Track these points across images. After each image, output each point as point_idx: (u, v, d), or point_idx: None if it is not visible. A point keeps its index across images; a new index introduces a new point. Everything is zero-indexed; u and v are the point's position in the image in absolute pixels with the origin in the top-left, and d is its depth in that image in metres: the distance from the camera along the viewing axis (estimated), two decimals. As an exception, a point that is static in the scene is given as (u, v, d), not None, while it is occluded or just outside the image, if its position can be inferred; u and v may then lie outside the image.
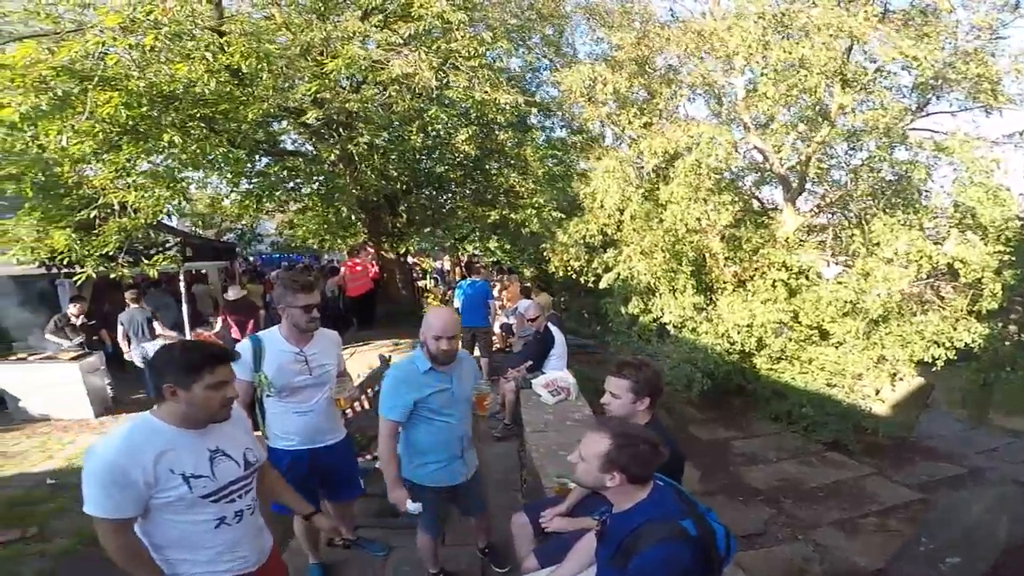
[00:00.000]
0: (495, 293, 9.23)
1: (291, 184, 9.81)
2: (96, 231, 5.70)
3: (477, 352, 7.67)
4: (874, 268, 7.80)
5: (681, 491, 1.83)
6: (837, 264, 9.55)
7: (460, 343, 2.78)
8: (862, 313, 7.94)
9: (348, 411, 2.80)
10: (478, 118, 9.44)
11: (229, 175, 9.51)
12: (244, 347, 2.70)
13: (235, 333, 7.75)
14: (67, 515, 4.32)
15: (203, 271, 10.80)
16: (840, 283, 8.28)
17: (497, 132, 10.06)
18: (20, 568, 3.58)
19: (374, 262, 11.39)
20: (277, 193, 9.37)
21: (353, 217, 10.62)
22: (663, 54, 9.73)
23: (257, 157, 9.70)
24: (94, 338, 7.44)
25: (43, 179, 5.68)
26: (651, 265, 8.74)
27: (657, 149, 8.31)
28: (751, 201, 10.75)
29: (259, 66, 6.52)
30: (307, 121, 7.75)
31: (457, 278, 13.44)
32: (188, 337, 7.02)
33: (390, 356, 6.04)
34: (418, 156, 10.12)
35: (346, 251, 16.87)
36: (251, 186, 10.42)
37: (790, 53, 7.54)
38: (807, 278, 8.78)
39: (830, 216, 10.05)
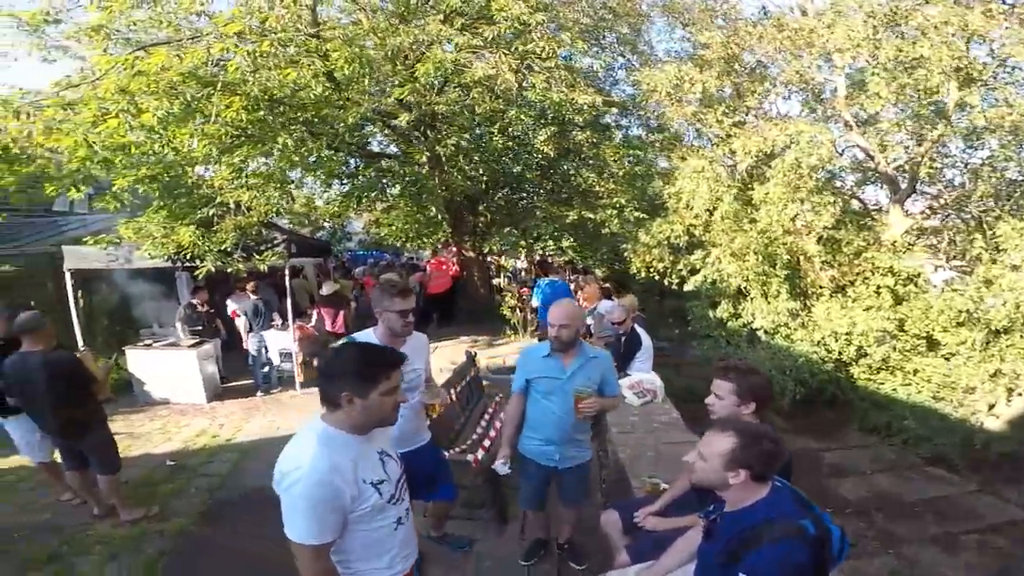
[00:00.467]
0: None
1: (382, 185, 10.09)
2: (215, 228, 6.10)
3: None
4: (998, 275, 7.00)
5: (797, 492, 1.78)
6: (949, 269, 8.73)
7: (571, 333, 2.84)
8: (980, 323, 7.17)
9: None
10: (555, 118, 9.36)
11: (323, 176, 10.00)
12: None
13: (328, 325, 8.05)
14: (183, 496, 4.55)
15: (300, 267, 11.37)
16: (955, 290, 7.53)
17: (574, 132, 9.93)
18: (144, 546, 3.73)
19: (454, 260, 11.59)
20: (373, 193, 9.69)
21: (440, 216, 10.79)
22: (753, 52, 9.32)
23: (349, 159, 10.12)
24: (213, 326, 7.93)
25: (167, 180, 6.18)
26: (742, 268, 8.26)
27: (752, 148, 7.87)
28: (851, 202, 10.05)
29: (361, 71, 6.76)
30: (398, 123, 7.95)
31: (532, 277, 13.43)
32: (291, 328, 7.40)
33: (475, 352, 6.08)
34: (500, 157, 10.16)
35: (427, 249, 17.39)
36: (343, 186, 10.91)
37: (905, 51, 7.00)
38: (916, 284, 8.09)
39: (943, 218, 9.19)
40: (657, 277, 9.70)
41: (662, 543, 2.24)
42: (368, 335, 2.80)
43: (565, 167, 10.49)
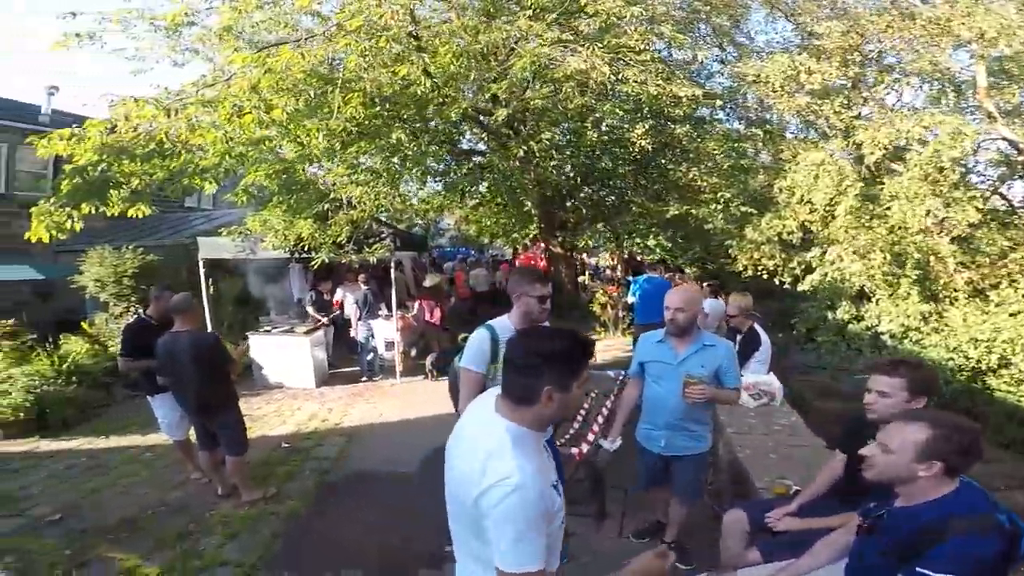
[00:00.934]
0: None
1: (475, 181, 10.10)
2: (329, 222, 6.34)
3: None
4: None
5: (983, 489, 1.66)
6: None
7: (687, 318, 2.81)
8: None
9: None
10: (651, 112, 8.92)
11: (419, 174, 10.06)
12: (481, 337, 2.61)
13: (426, 316, 8.21)
14: (297, 478, 4.61)
15: (399, 261, 11.74)
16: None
17: (672, 126, 9.44)
18: (261, 527, 3.76)
19: (543, 256, 11.43)
20: (473, 188, 9.75)
21: (534, 212, 10.66)
22: (879, 41, 8.46)
23: (444, 157, 10.17)
24: (335, 314, 8.29)
25: (284, 177, 6.49)
26: (867, 267, 7.47)
27: (882, 140, 7.08)
28: (992, 199, 8.89)
29: (465, 66, 6.75)
30: (493, 120, 7.89)
31: (619, 275, 12.99)
32: (395, 318, 7.58)
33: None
34: (592, 151, 9.85)
35: (509, 246, 17.43)
36: (436, 183, 11.03)
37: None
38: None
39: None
40: (766, 276, 9.01)
41: (797, 544, 2.18)
42: (503, 322, 2.70)
43: (662, 161, 9.99)
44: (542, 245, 11.54)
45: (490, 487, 1.25)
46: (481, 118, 8.28)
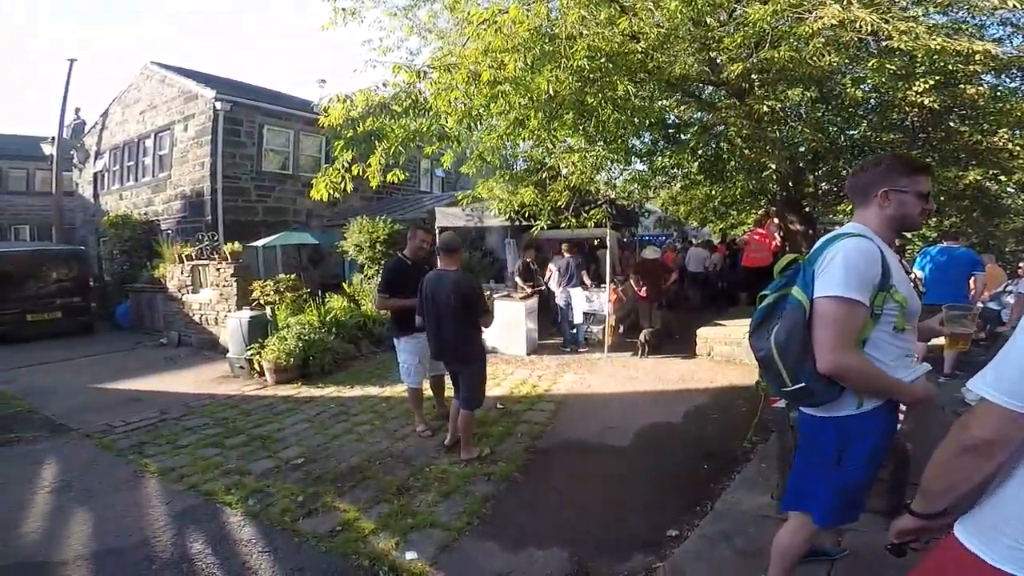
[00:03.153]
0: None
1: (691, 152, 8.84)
2: (549, 189, 6.21)
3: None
4: None
5: None
6: None
7: None
8: None
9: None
10: (934, 69, 6.79)
11: (623, 153, 8.86)
12: (864, 249, 1.66)
13: (638, 290, 7.76)
14: (509, 440, 4.50)
15: (605, 239, 11.41)
16: None
17: (962, 86, 7.11)
18: (473, 488, 3.66)
19: (777, 233, 9.85)
20: (686, 163, 8.72)
21: (772, 183, 8.77)
22: None
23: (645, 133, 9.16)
24: (540, 283, 8.33)
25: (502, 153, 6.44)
26: None
27: None
28: None
29: (693, 15, 5.90)
30: (728, 73, 6.79)
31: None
32: (607, 290, 7.23)
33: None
34: (852, 116, 7.93)
35: (717, 234, 15.66)
36: (643, 165, 10.08)
37: None
38: None
39: None
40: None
41: None
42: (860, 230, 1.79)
43: (952, 123, 7.64)
44: (776, 221, 9.96)
45: None
46: (710, 75, 7.22)
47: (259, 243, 10.19)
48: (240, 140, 11.68)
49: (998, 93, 7.17)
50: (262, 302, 7.80)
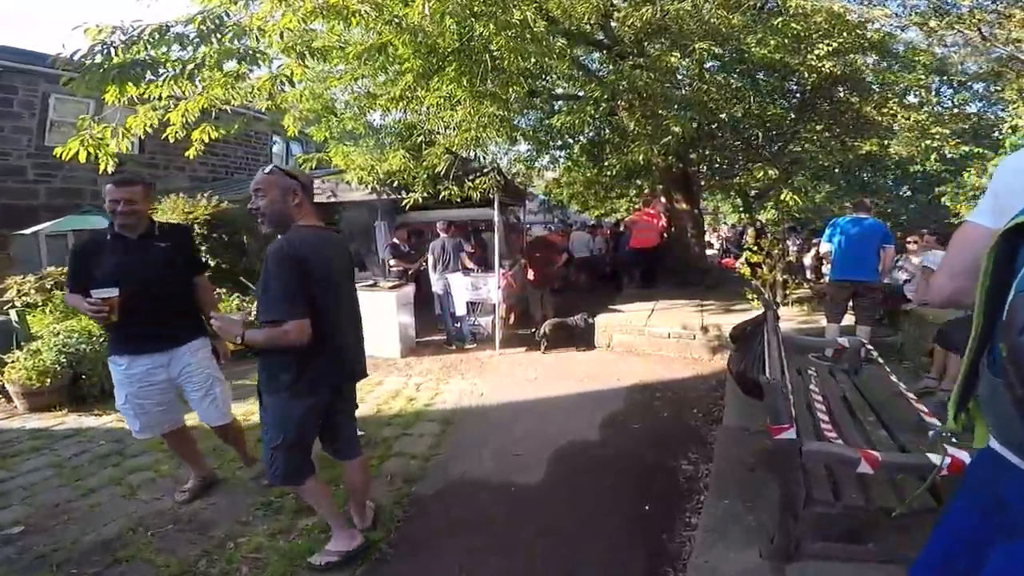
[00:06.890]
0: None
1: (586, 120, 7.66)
2: (424, 153, 4.80)
3: (852, 319, 5.00)
4: None
5: None
6: None
7: None
8: None
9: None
10: (833, 33, 6.51)
11: (506, 133, 7.31)
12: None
13: (529, 275, 6.84)
14: (376, 486, 3.04)
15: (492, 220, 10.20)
16: None
17: (853, 56, 6.97)
18: None
19: (663, 214, 9.32)
20: (570, 140, 7.79)
21: (652, 157, 7.94)
22: None
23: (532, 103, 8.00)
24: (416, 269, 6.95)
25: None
26: None
27: None
28: None
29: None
30: (626, 26, 5.89)
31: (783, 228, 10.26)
32: (496, 276, 5.95)
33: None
34: (755, 78, 7.40)
35: (594, 219, 15.38)
36: (528, 143, 8.99)
37: None
38: None
39: None
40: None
41: None
42: None
43: (841, 94, 7.43)
44: (663, 200, 9.41)
45: None
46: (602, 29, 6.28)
47: (32, 230, 7.54)
48: (13, 110, 8.91)
49: (888, 63, 7.23)
50: (16, 303, 5.39)
